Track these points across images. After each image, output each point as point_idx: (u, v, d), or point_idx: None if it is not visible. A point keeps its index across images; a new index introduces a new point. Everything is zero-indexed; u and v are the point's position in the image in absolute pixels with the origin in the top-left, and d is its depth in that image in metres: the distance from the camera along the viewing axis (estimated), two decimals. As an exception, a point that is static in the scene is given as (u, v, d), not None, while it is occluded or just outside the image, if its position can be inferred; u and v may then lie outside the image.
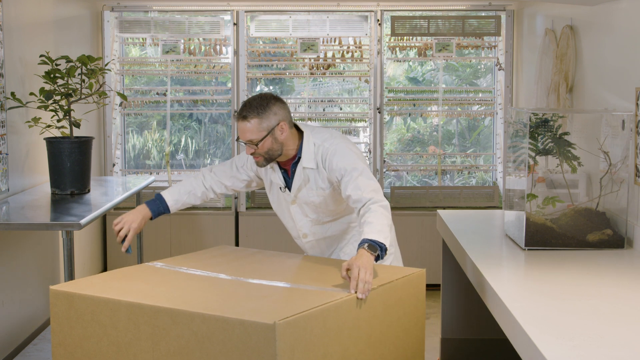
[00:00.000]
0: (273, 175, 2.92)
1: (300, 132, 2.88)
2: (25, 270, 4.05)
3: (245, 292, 2.37)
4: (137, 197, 4.65)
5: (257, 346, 2.02)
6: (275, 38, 5.46)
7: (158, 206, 2.96)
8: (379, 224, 2.59)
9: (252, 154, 2.80)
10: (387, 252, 2.56)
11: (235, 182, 3.06)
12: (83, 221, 3.22)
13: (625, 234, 3.08)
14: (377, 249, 2.50)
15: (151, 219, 2.95)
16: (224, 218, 5.30)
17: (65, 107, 3.95)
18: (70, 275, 3.21)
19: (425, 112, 5.62)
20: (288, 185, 2.90)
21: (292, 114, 2.93)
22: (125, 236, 2.83)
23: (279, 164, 2.90)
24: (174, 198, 2.99)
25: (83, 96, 4.00)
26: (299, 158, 2.85)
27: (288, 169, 2.90)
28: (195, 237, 5.29)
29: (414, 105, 5.54)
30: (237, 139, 2.88)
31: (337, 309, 2.22)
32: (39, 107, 3.91)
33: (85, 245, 4.98)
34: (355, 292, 2.33)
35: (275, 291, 2.36)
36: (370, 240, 2.51)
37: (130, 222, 2.85)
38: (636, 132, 3.11)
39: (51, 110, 3.92)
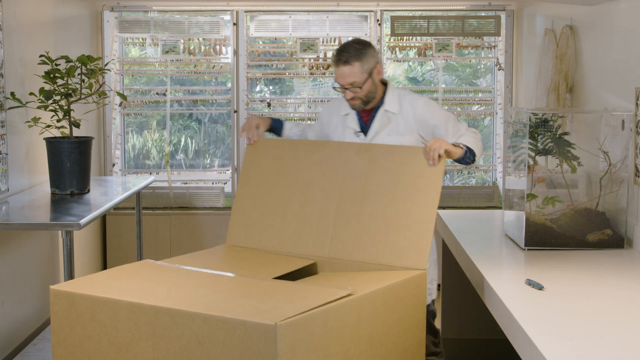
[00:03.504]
0: (348, 121, 3.04)
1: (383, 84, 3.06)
2: (25, 270, 4.05)
3: (246, 290, 2.37)
4: (137, 197, 4.65)
5: (258, 347, 2.02)
6: (275, 38, 5.46)
7: (276, 122, 3.17)
8: (472, 140, 2.87)
9: (351, 99, 2.93)
10: (476, 159, 2.88)
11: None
12: (83, 221, 3.22)
13: (625, 234, 3.08)
14: (463, 148, 2.79)
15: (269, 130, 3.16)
16: (224, 218, 5.30)
17: (65, 107, 3.95)
18: (70, 275, 3.21)
19: (425, 112, 5.61)
20: (363, 130, 3.01)
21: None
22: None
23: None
24: (288, 126, 3.21)
25: (83, 96, 4.00)
26: (382, 103, 2.99)
27: (365, 116, 3.03)
28: (195, 237, 5.29)
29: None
30: (334, 87, 3.01)
31: (338, 310, 2.22)
32: (38, 107, 3.91)
33: (85, 245, 4.98)
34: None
35: (276, 290, 2.36)
36: (460, 143, 2.82)
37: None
38: (636, 132, 3.11)
39: (51, 110, 3.92)
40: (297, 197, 2.89)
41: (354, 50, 2.88)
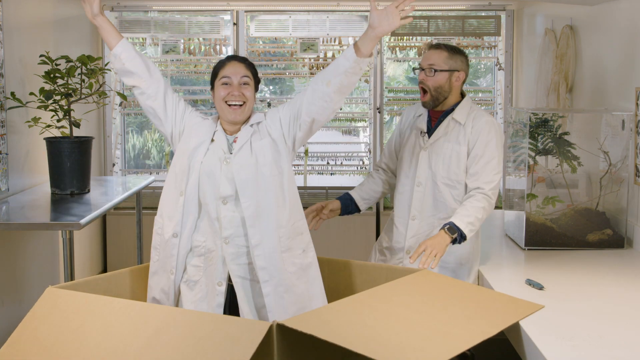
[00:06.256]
0: (419, 121, 3.05)
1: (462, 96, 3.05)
2: (25, 270, 4.05)
3: None
4: (137, 197, 4.65)
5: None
6: (275, 38, 5.46)
7: (346, 201, 3.10)
8: (472, 213, 2.73)
9: (421, 81, 2.95)
10: (466, 240, 2.72)
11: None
12: (83, 221, 3.22)
13: (625, 234, 3.08)
14: (456, 233, 2.67)
15: (340, 213, 3.08)
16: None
17: (65, 107, 3.94)
18: (70, 275, 3.21)
19: (425, 112, 5.61)
20: (429, 132, 3.02)
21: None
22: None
23: (428, 112, 3.05)
24: (359, 195, 3.13)
25: (83, 96, 4.00)
26: (452, 110, 2.98)
27: (434, 120, 3.03)
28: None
29: (414, 105, 5.53)
30: (414, 68, 3.06)
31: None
32: (38, 107, 3.91)
33: (85, 245, 4.98)
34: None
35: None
36: (454, 224, 2.69)
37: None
38: (636, 132, 3.11)
39: (51, 110, 3.92)
40: None
41: (450, 46, 2.96)
